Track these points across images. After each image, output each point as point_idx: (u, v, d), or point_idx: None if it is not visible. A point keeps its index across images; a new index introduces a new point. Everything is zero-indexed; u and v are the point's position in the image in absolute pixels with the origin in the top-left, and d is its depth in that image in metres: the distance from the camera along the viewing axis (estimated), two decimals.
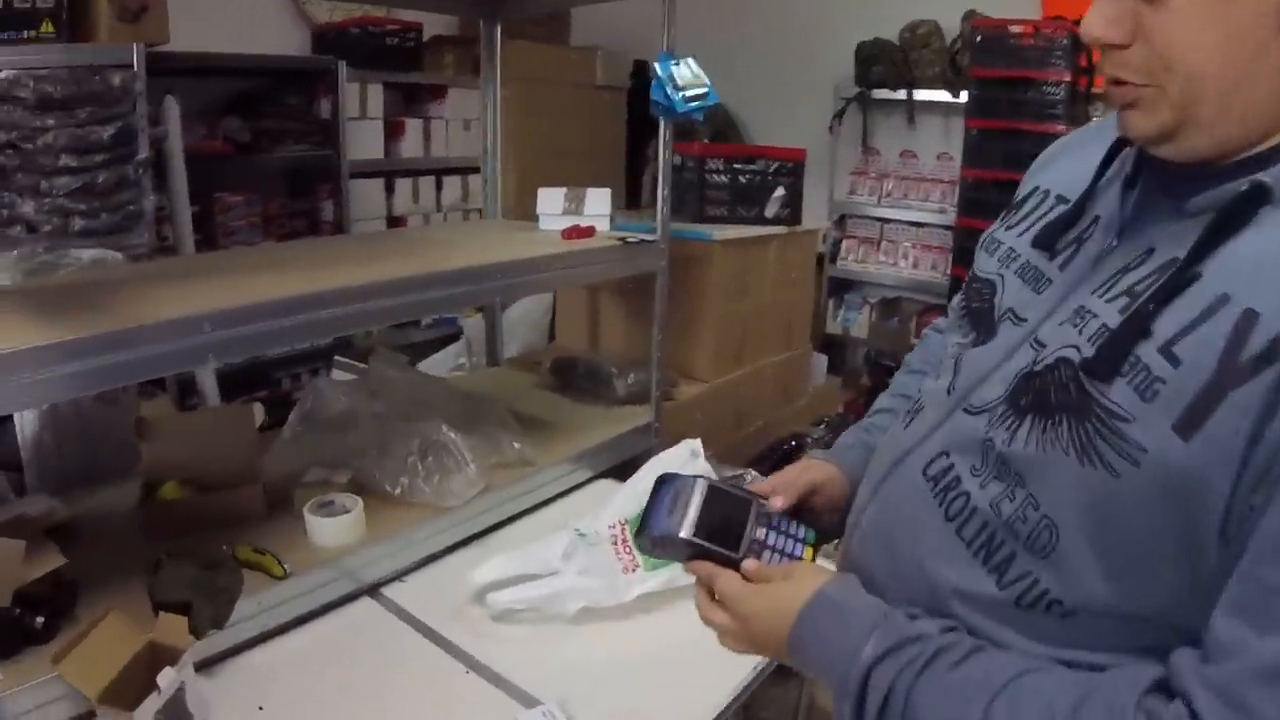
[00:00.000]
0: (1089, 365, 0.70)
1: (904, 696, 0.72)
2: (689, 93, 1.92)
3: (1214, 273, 0.66)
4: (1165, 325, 0.66)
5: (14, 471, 1.90)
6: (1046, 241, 0.85)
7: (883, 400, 1.15)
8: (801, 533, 0.92)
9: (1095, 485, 0.67)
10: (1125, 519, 0.67)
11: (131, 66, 2.63)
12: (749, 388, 2.81)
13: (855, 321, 4.59)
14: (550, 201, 2.15)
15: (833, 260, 4.58)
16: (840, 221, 4.59)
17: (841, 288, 4.70)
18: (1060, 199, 0.88)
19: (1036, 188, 0.93)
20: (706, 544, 0.87)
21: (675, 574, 1.50)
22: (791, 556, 0.90)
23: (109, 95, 2.55)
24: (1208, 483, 0.61)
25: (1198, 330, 0.64)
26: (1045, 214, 0.88)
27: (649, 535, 0.90)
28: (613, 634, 1.47)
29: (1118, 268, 0.75)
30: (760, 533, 0.89)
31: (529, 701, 1.29)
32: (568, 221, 2.08)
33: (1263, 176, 0.65)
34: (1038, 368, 0.75)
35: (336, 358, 3.31)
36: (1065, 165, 0.91)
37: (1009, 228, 0.92)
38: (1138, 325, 0.67)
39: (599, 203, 2.13)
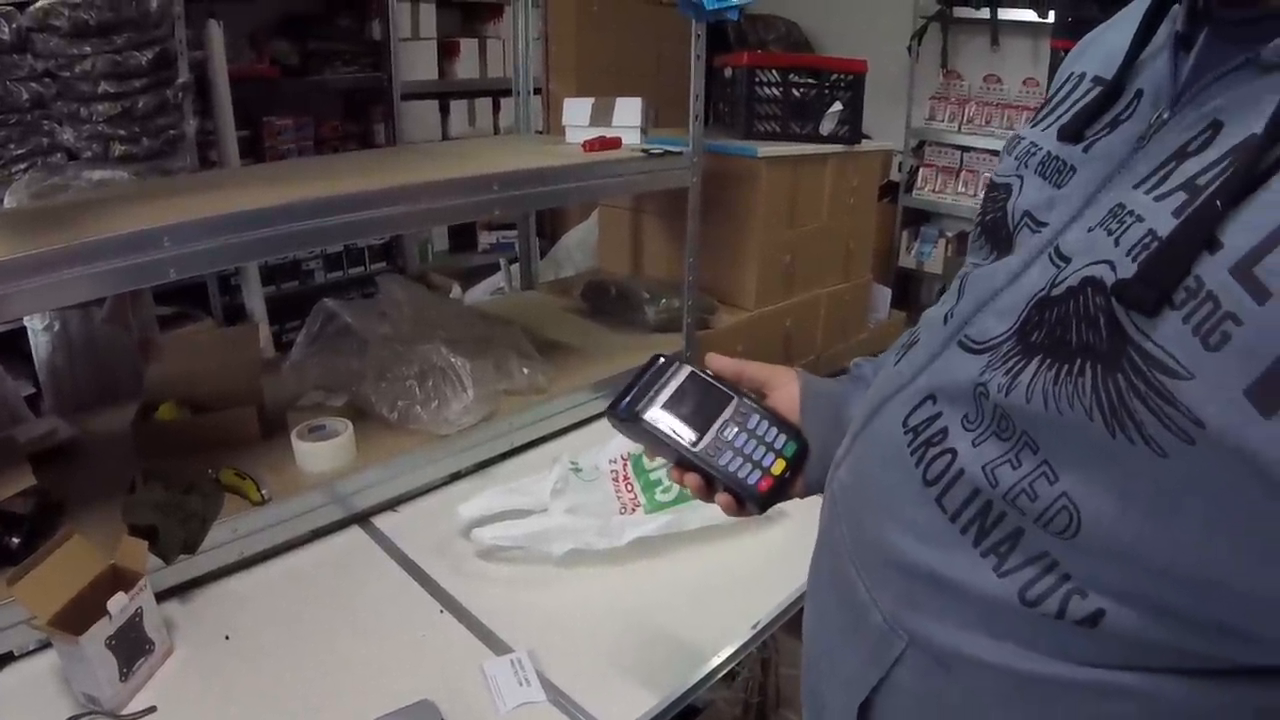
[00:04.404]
0: (1126, 289, 0.48)
1: None
2: None
3: None
4: (1242, 232, 0.44)
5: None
6: (1075, 131, 0.63)
7: (902, 337, 0.97)
8: (780, 443, 0.81)
9: (1133, 467, 0.48)
10: (1177, 517, 0.47)
11: None
12: (800, 319, 2.63)
13: (930, 255, 4.34)
14: (576, 112, 2.01)
15: (908, 190, 4.33)
16: (918, 149, 4.33)
17: (917, 219, 4.44)
18: (1098, 81, 0.66)
19: (1071, 73, 0.70)
20: (664, 430, 0.80)
21: (675, 518, 1.39)
22: (759, 466, 0.80)
23: (146, 20, 2.49)
24: None
25: None
26: (1079, 100, 0.66)
27: (616, 412, 0.83)
28: (600, 581, 1.36)
29: (1171, 150, 0.52)
30: (730, 432, 0.81)
31: (500, 648, 1.21)
32: (594, 133, 1.94)
33: None
34: (1056, 291, 0.54)
35: (380, 282, 3.28)
36: (1106, 42, 0.69)
37: (1035, 124, 0.70)
38: (1199, 232, 0.46)
39: (628, 113, 1.98)
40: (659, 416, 0.81)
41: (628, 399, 0.82)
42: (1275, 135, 0.45)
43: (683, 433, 0.80)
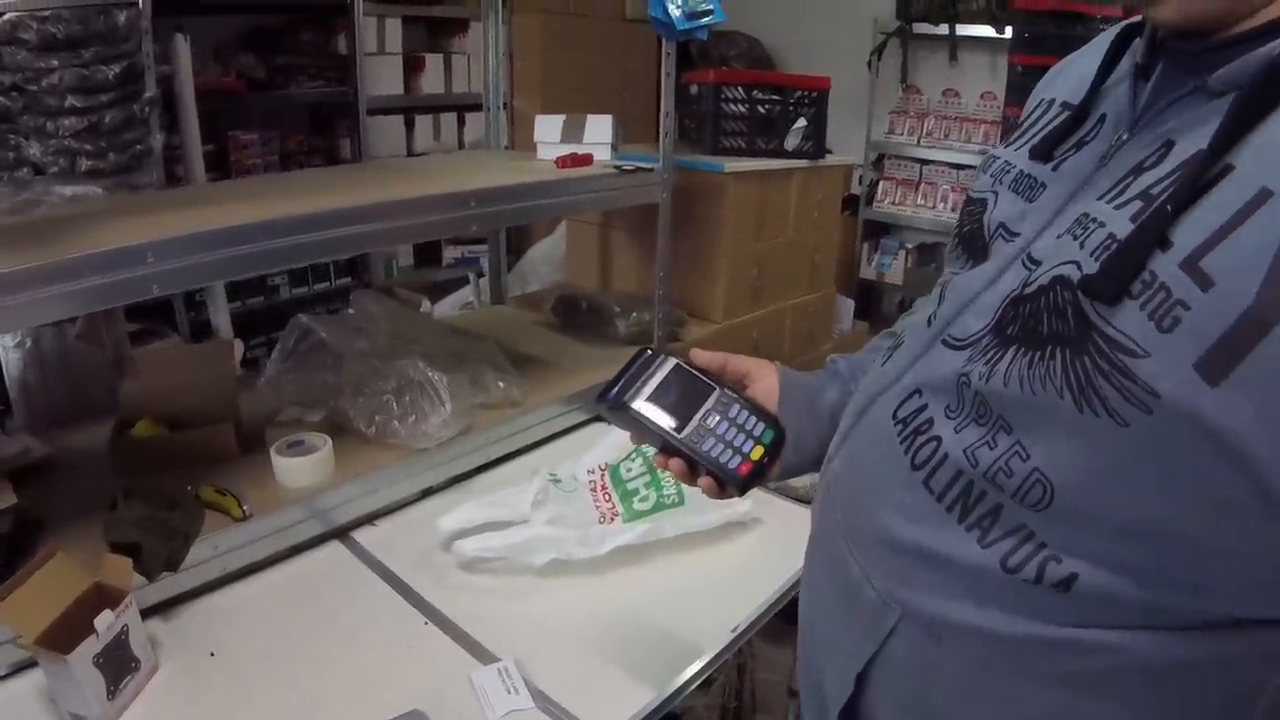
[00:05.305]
0: (1089, 284, 0.55)
1: None
2: (692, 8, 1.78)
3: (1249, 163, 0.51)
4: (1189, 232, 0.51)
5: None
6: (1045, 151, 0.71)
7: (874, 340, 1.01)
8: (759, 431, 0.87)
9: (1098, 437, 0.54)
10: (1138, 481, 0.53)
11: (136, 4, 2.56)
12: (766, 330, 2.68)
13: (891, 267, 4.42)
14: (548, 129, 2.04)
15: (869, 202, 4.42)
16: (878, 162, 4.42)
17: (877, 231, 4.53)
18: (1066, 106, 0.74)
19: (1042, 100, 0.79)
20: (651, 417, 0.86)
21: (652, 527, 1.42)
22: (739, 452, 0.85)
23: (114, 34, 2.48)
24: (1243, 444, 0.48)
25: (1234, 238, 0.49)
26: (1049, 124, 0.74)
27: (606, 400, 0.88)
28: (582, 590, 1.38)
29: (1129, 167, 0.60)
30: (712, 420, 0.86)
31: (486, 658, 1.22)
32: (565, 149, 1.97)
33: None
34: (1029, 290, 0.61)
35: (353, 297, 3.26)
36: (1075, 71, 0.76)
37: (1009, 144, 0.78)
38: (1152, 232, 0.53)
39: (600, 130, 2.02)
40: (646, 405, 0.86)
41: (616, 389, 0.87)
42: (1217, 151, 0.51)
43: (668, 420, 0.85)
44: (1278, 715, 0.57)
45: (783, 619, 1.41)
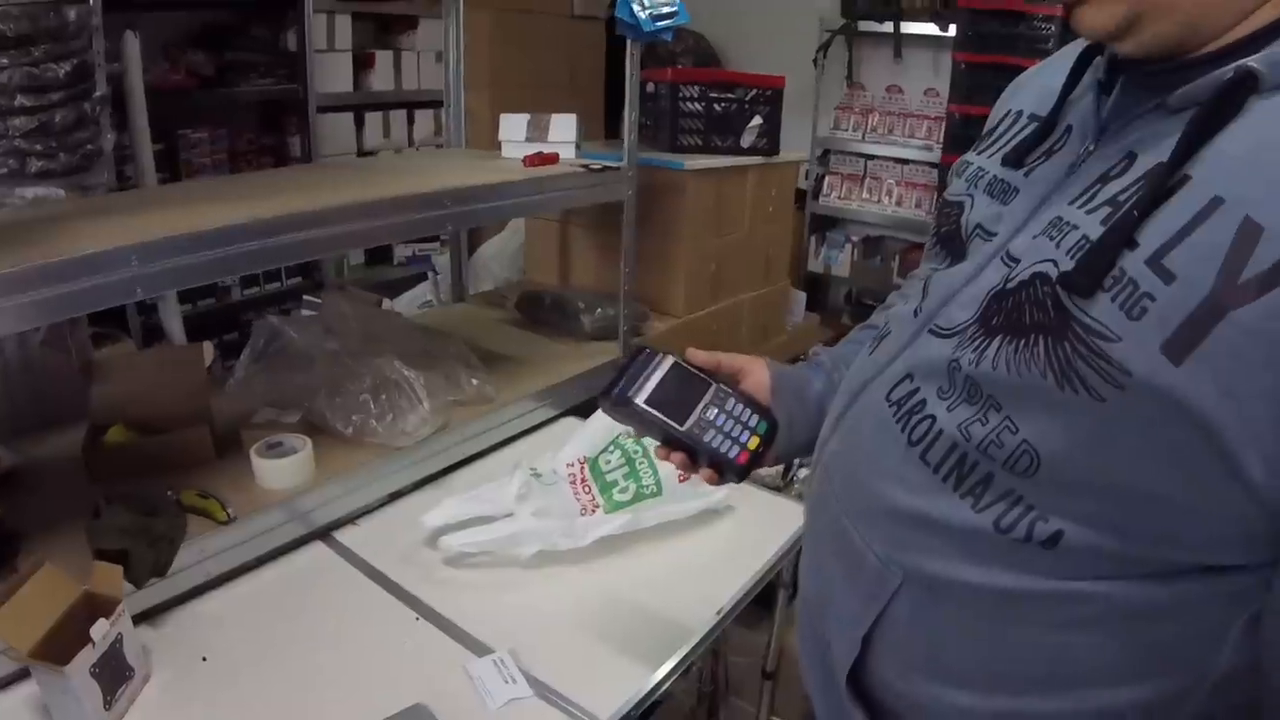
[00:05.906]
0: (1067, 279, 0.63)
1: None
2: (657, 10, 1.82)
3: (1204, 174, 0.59)
4: (1153, 234, 0.59)
5: None
6: (1016, 159, 0.79)
7: (851, 333, 1.09)
8: (754, 422, 0.93)
9: (1079, 411, 0.61)
10: (1115, 448, 0.61)
11: (86, 1, 2.50)
12: (724, 324, 2.73)
13: (837, 260, 4.51)
14: (513, 128, 2.06)
15: (815, 197, 4.49)
16: (823, 157, 4.49)
17: (824, 225, 4.61)
18: (1034, 118, 0.81)
19: (1009, 110, 0.86)
20: (654, 413, 0.90)
21: (633, 517, 1.46)
22: (737, 442, 0.91)
23: (64, 31, 2.42)
24: (1204, 413, 0.56)
25: (1192, 240, 0.57)
26: (1018, 133, 0.82)
27: (610, 398, 0.92)
28: (569, 579, 1.42)
29: (1096, 176, 0.68)
30: (711, 413, 0.91)
31: (480, 650, 1.25)
32: (531, 148, 2.00)
33: (1251, 62, 0.58)
34: (1010, 285, 0.68)
35: (306, 298, 3.23)
36: (1039, 84, 0.84)
37: (980, 152, 0.86)
38: (1121, 234, 0.61)
39: (564, 129, 2.05)
40: (648, 401, 0.91)
41: (619, 386, 0.91)
42: (1176, 163, 0.60)
43: (670, 415, 0.90)
44: (1248, 646, 0.65)
45: (755, 603, 1.47)
